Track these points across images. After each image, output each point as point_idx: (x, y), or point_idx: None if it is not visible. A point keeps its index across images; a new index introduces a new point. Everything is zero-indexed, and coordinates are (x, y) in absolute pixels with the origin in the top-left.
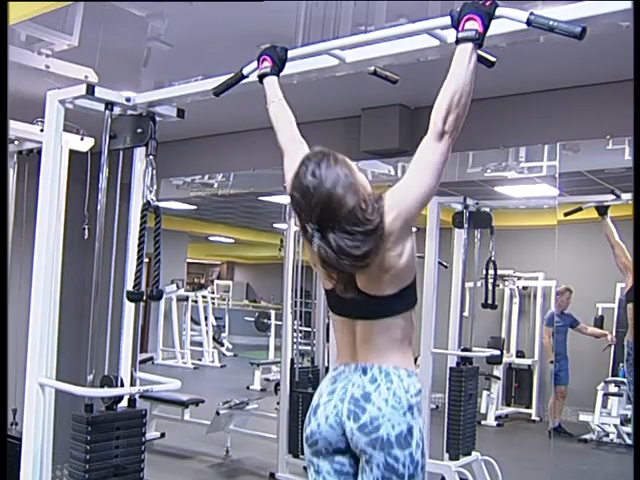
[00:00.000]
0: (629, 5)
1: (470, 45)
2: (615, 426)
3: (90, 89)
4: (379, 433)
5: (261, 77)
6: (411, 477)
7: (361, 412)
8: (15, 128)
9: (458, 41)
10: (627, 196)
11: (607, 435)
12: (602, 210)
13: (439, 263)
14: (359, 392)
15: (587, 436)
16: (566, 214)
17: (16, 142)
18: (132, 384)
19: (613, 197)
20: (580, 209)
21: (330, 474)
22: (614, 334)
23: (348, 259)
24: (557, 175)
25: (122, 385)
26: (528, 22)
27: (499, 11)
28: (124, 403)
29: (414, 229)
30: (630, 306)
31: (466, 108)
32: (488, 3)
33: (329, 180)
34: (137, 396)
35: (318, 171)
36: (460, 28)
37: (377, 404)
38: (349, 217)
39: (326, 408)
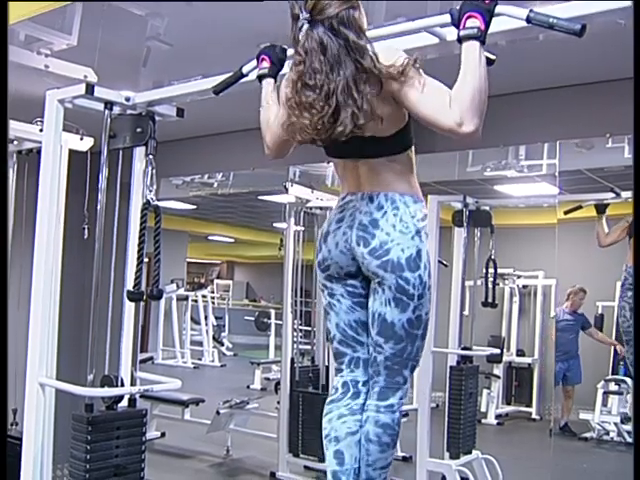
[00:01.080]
0: (629, 3)
1: (477, 43)
2: (615, 424)
3: (89, 89)
4: (389, 256)
5: (259, 78)
6: (420, 297)
7: (370, 238)
8: (14, 128)
9: (460, 40)
10: (627, 194)
11: (607, 433)
12: (601, 208)
13: (439, 262)
14: (367, 219)
15: (587, 434)
16: (566, 212)
17: (15, 142)
18: (132, 384)
19: (613, 195)
20: (580, 207)
21: (344, 296)
22: (613, 335)
23: (324, 59)
24: (557, 174)
25: (122, 385)
26: (528, 19)
27: (499, 8)
28: (124, 403)
29: None
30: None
31: (484, 105)
32: (488, 1)
33: None
34: (137, 396)
35: None
36: (461, 26)
37: (385, 230)
38: (342, 17)
39: (335, 235)
